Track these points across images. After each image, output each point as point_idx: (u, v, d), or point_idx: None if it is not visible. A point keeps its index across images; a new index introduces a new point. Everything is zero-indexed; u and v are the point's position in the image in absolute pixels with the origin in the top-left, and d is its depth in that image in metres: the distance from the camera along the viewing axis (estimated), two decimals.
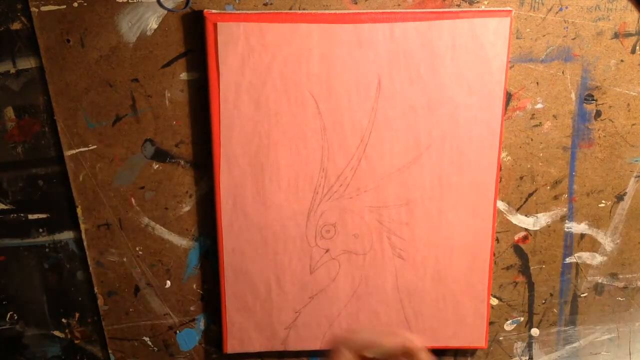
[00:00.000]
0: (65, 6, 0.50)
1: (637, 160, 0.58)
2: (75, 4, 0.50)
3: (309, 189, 0.55)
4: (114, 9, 0.51)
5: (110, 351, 0.62)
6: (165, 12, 0.51)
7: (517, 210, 0.59)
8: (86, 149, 0.55)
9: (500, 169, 0.57)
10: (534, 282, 0.62)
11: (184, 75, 0.53)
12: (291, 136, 0.54)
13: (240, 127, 0.54)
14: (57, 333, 0.61)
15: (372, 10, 0.52)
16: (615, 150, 0.58)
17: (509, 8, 0.53)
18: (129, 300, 0.60)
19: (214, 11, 0.51)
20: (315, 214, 0.56)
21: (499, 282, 0.62)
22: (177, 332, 0.62)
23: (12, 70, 0.53)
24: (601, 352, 0.66)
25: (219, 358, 0.63)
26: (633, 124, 0.57)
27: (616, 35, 0.54)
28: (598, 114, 0.57)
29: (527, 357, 0.65)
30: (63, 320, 0.61)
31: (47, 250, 0.58)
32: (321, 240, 0.57)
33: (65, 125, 0.54)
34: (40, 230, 0.58)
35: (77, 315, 0.61)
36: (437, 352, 0.65)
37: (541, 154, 0.57)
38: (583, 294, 0.63)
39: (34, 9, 0.50)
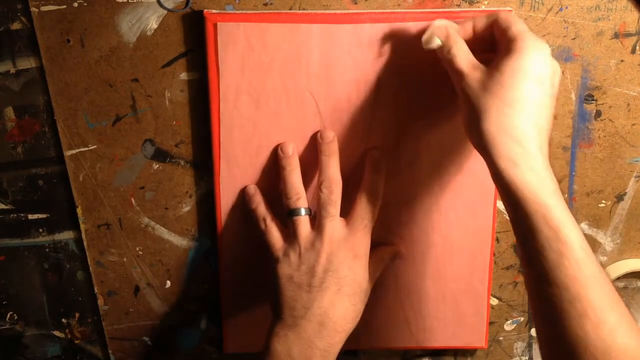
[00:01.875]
0: (65, 6, 0.50)
1: (637, 160, 0.58)
2: (75, 4, 0.51)
3: (309, 189, 0.55)
4: (114, 9, 0.51)
5: (110, 351, 0.62)
6: (165, 12, 0.51)
7: None
8: (86, 149, 0.55)
9: None
10: None
11: (184, 75, 0.53)
12: (291, 136, 0.54)
13: (240, 127, 0.54)
14: (57, 333, 0.61)
15: (372, 10, 0.52)
16: (615, 150, 0.58)
17: (509, 8, 0.53)
18: (129, 300, 0.60)
19: (214, 11, 0.51)
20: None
21: (499, 282, 0.62)
22: (177, 332, 0.62)
23: (12, 70, 0.53)
24: None
25: (219, 358, 0.63)
26: (633, 124, 0.57)
27: (616, 35, 0.54)
28: (598, 114, 0.57)
29: (527, 357, 0.65)
30: (63, 320, 0.61)
31: (47, 250, 0.58)
32: None
33: (65, 125, 0.54)
34: (40, 230, 0.58)
35: (77, 315, 0.61)
36: (437, 352, 0.65)
37: None
38: None
39: (34, 9, 0.50)
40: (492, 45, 0.47)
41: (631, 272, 0.61)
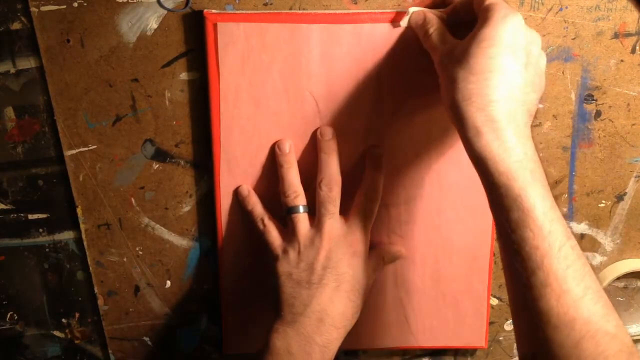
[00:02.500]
0: (65, 6, 0.50)
1: (637, 160, 0.58)
2: (75, 4, 0.51)
3: (309, 189, 0.55)
4: (114, 9, 0.51)
5: (110, 351, 0.62)
6: (165, 12, 0.51)
7: None
8: (86, 149, 0.55)
9: None
10: None
11: (184, 75, 0.53)
12: (291, 136, 0.54)
13: (240, 127, 0.54)
14: (57, 333, 0.61)
15: (372, 10, 0.52)
16: (615, 150, 0.58)
17: None
18: (129, 300, 0.60)
19: (214, 11, 0.51)
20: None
21: (499, 282, 0.62)
22: (177, 332, 0.62)
23: (12, 70, 0.53)
24: None
25: (219, 358, 0.63)
26: (633, 124, 0.57)
27: (616, 35, 0.54)
28: (598, 114, 0.57)
29: None
30: (63, 320, 0.61)
31: (47, 250, 0.58)
32: None
33: (65, 125, 0.54)
34: (40, 230, 0.58)
35: (77, 315, 0.61)
36: (437, 352, 0.65)
37: (541, 154, 0.57)
38: None
39: (34, 9, 0.50)
40: None
41: (631, 272, 0.61)
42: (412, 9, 0.50)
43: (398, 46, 0.52)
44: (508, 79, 0.42)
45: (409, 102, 0.54)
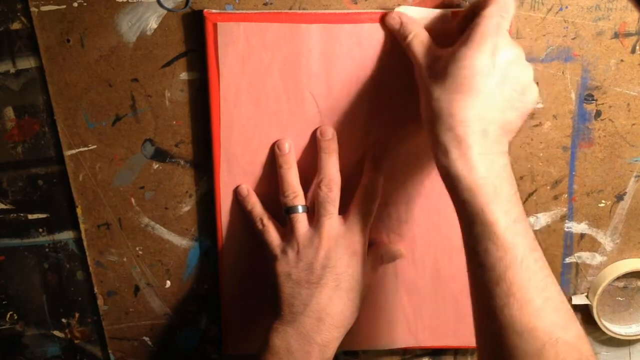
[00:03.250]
0: (65, 6, 0.50)
1: (637, 160, 0.58)
2: (75, 4, 0.51)
3: (309, 189, 0.55)
4: (114, 9, 0.51)
5: (110, 351, 0.62)
6: (165, 12, 0.51)
7: None
8: (86, 149, 0.55)
9: None
10: None
11: (184, 75, 0.53)
12: (291, 136, 0.54)
13: (240, 127, 0.54)
14: (57, 333, 0.61)
15: (372, 10, 0.52)
16: (615, 150, 0.58)
17: None
18: (129, 300, 0.60)
19: (214, 11, 0.51)
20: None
21: None
22: (177, 332, 0.62)
23: (12, 70, 0.53)
24: (601, 352, 0.66)
25: (219, 358, 0.63)
26: (633, 124, 0.57)
27: (616, 35, 0.54)
28: (598, 113, 0.57)
29: None
30: (63, 320, 0.61)
31: (47, 250, 0.58)
32: None
33: (65, 125, 0.54)
34: (40, 230, 0.58)
35: (77, 315, 0.61)
36: (437, 351, 0.65)
37: (541, 154, 0.57)
38: (583, 293, 0.63)
39: (33, 9, 0.50)
40: None
41: (631, 272, 0.61)
42: (395, 10, 0.50)
43: (398, 46, 0.52)
44: (481, 100, 0.43)
45: (408, 101, 0.54)
